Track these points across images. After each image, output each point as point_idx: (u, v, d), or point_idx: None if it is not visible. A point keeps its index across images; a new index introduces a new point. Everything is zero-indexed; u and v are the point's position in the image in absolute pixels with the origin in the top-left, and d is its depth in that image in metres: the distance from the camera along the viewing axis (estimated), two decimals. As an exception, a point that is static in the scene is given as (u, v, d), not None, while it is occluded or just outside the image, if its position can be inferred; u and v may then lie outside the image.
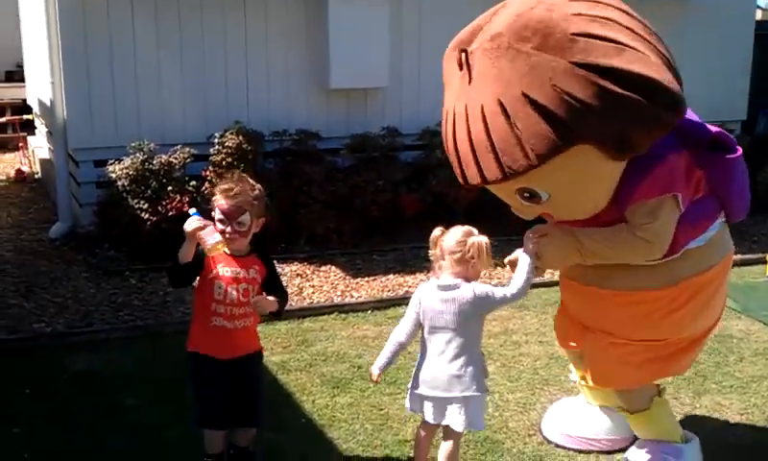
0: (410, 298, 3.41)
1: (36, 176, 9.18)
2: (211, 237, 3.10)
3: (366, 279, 6.02)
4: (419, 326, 3.30)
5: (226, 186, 3.22)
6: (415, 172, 7.02)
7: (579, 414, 3.77)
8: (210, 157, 6.32)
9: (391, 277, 6.08)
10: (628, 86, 2.63)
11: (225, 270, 3.22)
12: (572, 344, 3.59)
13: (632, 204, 2.99)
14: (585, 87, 2.62)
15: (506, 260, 3.31)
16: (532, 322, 5.23)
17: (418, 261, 6.41)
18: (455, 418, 3.20)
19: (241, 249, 3.27)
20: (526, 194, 2.93)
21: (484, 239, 3.19)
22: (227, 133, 6.33)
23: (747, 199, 3.32)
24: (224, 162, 6.25)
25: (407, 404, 3.36)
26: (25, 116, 10.33)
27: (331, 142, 6.95)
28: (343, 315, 5.31)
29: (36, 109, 8.94)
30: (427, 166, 6.99)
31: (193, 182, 6.27)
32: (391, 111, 7.26)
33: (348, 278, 6.03)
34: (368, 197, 6.66)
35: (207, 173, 6.32)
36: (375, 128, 7.08)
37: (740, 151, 3.17)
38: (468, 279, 3.21)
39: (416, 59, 7.23)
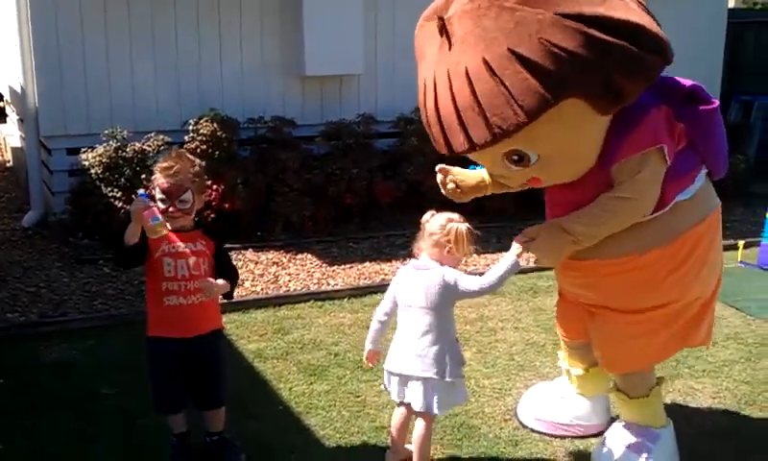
0: (387, 285, 3.46)
1: (8, 164, 9.05)
2: (153, 218, 3.08)
3: (342, 266, 6.02)
4: (396, 304, 3.36)
5: (165, 165, 3.20)
6: (390, 160, 7.03)
7: (554, 399, 3.79)
8: (185, 145, 6.27)
9: (367, 264, 6.08)
10: (614, 34, 2.64)
11: (170, 247, 3.21)
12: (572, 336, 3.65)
13: (617, 161, 3.01)
14: (572, 38, 2.61)
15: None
16: (507, 308, 5.26)
17: (393, 249, 6.43)
18: (414, 397, 3.26)
19: (185, 226, 3.26)
20: (515, 157, 2.90)
21: (464, 226, 3.22)
22: (201, 120, 6.29)
23: (725, 152, 3.32)
24: (198, 150, 6.21)
25: (383, 383, 3.43)
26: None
27: (306, 130, 6.93)
28: (319, 303, 5.31)
29: (6, 96, 8.81)
30: (402, 154, 7.00)
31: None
32: (366, 99, 7.26)
33: (324, 265, 6.02)
34: (343, 185, 6.66)
35: (182, 161, 6.27)
36: (350, 115, 7.07)
37: (716, 103, 3.18)
38: (442, 264, 3.24)
39: (390, 45, 7.22)
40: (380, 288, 5.48)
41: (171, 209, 3.19)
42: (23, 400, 3.98)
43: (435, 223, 3.26)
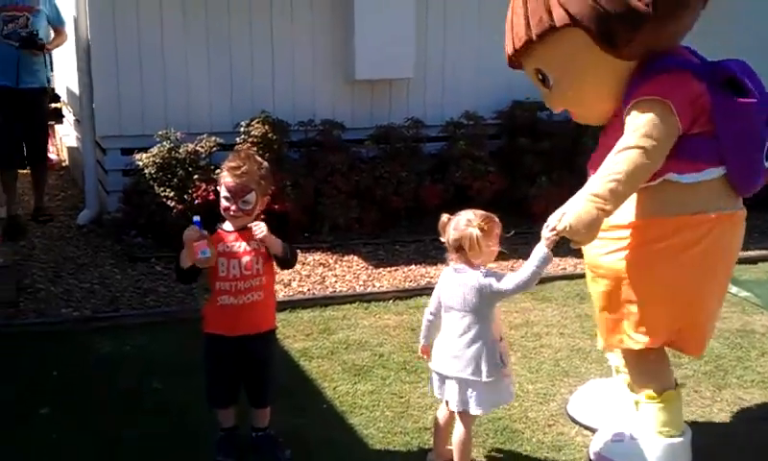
0: (432, 288, 3.51)
1: (64, 164, 9.30)
2: (201, 251, 3.15)
3: (388, 269, 6.06)
4: (441, 304, 3.40)
5: (233, 164, 3.26)
6: (438, 164, 7.05)
7: (605, 399, 3.77)
8: (236, 147, 6.38)
9: (413, 267, 6.11)
10: None
11: (225, 246, 3.29)
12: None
13: (627, 106, 3.12)
14: None
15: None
16: (553, 314, 5.24)
17: (439, 252, 6.35)
18: (451, 396, 3.30)
19: (243, 225, 3.32)
20: (540, 76, 3.37)
21: (476, 231, 3.21)
22: (253, 122, 6.38)
23: (756, 167, 3.17)
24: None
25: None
26: (53, 105, 10.43)
27: (355, 133, 6.99)
28: (365, 304, 5.35)
29: (63, 97, 9.05)
30: (451, 158, 7.02)
31: (218, 171, 6.31)
32: (415, 103, 7.28)
33: (370, 267, 6.07)
34: (390, 188, 6.70)
35: (233, 162, 6.38)
36: (399, 119, 7.11)
37: (755, 100, 3.09)
38: (474, 265, 3.26)
39: (441, 50, 7.24)
40: (425, 291, 5.52)
41: (233, 209, 3.25)
42: (75, 391, 4.09)
43: (450, 229, 3.29)
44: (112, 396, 4.05)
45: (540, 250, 3.17)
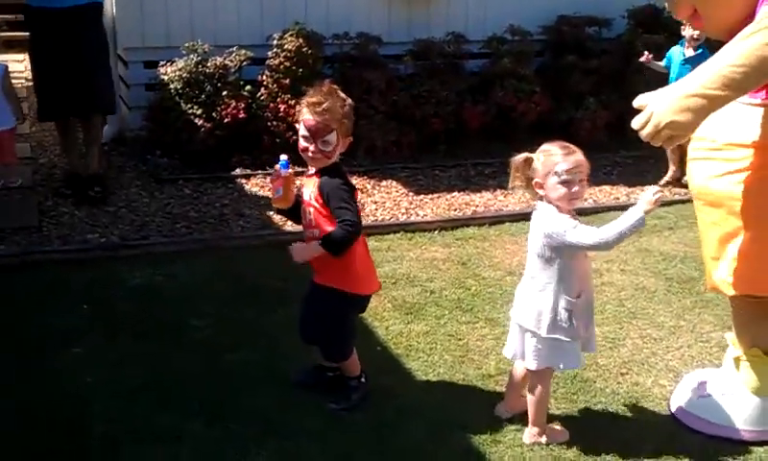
0: (478, 218, 3.29)
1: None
2: (276, 191, 3.06)
3: (429, 196, 5.70)
4: None
5: (314, 99, 2.92)
6: (480, 82, 6.64)
7: (713, 393, 3.19)
8: (267, 61, 5.96)
9: (456, 194, 5.75)
10: None
11: (303, 191, 3.09)
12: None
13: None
14: None
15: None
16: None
17: (482, 179, 6.09)
18: (514, 342, 3.08)
19: (323, 167, 3.01)
20: None
21: (518, 158, 2.93)
22: (286, 35, 5.94)
23: None
24: (281, 66, 5.90)
25: None
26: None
27: (392, 48, 6.54)
28: (409, 235, 5.01)
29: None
30: (494, 76, 6.60)
31: (248, 87, 5.94)
32: (455, 15, 6.80)
33: (411, 194, 5.71)
34: (430, 108, 6.30)
35: (264, 78, 5.97)
36: (439, 34, 6.65)
37: None
38: (558, 209, 2.90)
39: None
40: (471, 221, 5.20)
41: (312, 149, 2.96)
42: (109, 327, 3.79)
43: (525, 168, 2.95)
44: (149, 333, 3.74)
45: (637, 212, 2.78)
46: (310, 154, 2.97)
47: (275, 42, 5.95)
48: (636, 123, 2.69)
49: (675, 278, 4.54)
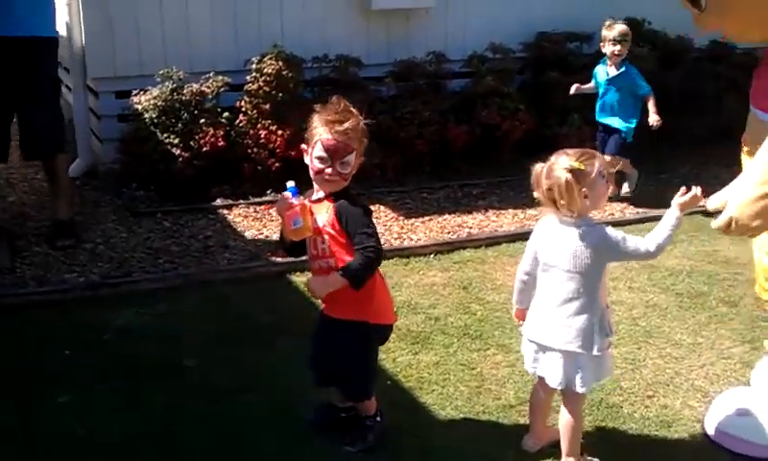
0: (473, 240, 3.04)
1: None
2: (293, 221, 2.72)
3: (420, 219, 5.49)
4: (537, 262, 2.89)
5: (333, 118, 2.69)
6: (462, 102, 6.45)
7: (758, 412, 3.04)
8: (245, 86, 5.73)
9: (447, 216, 5.54)
10: None
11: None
12: None
13: None
14: None
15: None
16: (615, 265, 4.70)
17: (470, 199, 5.92)
18: (550, 370, 2.82)
19: (336, 191, 2.78)
20: None
21: (563, 176, 2.69)
22: (265, 59, 5.71)
23: None
24: (261, 91, 5.66)
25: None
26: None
27: (372, 70, 6.35)
28: (404, 260, 4.79)
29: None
30: (476, 95, 6.42)
31: (226, 114, 5.70)
32: (434, 35, 6.64)
33: (401, 218, 5.50)
34: (413, 129, 6.10)
35: (242, 104, 5.74)
36: (418, 53, 6.48)
37: None
38: (581, 217, 2.77)
39: (462, -24, 6.60)
40: (467, 243, 5.00)
41: (329, 172, 2.72)
42: (97, 373, 3.50)
43: (540, 176, 2.78)
44: (142, 378, 3.45)
45: (674, 213, 2.76)
46: (326, 176, 2.73)
47: (253, 67, 5.72)
48: (717, 227, 2.66)
49: (685, 293, 4.39)
